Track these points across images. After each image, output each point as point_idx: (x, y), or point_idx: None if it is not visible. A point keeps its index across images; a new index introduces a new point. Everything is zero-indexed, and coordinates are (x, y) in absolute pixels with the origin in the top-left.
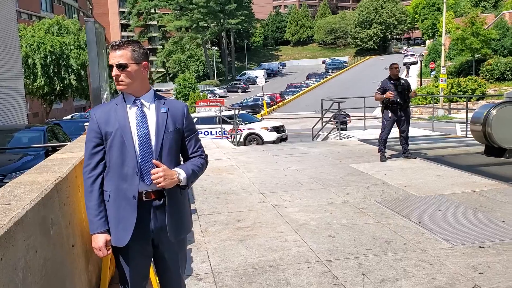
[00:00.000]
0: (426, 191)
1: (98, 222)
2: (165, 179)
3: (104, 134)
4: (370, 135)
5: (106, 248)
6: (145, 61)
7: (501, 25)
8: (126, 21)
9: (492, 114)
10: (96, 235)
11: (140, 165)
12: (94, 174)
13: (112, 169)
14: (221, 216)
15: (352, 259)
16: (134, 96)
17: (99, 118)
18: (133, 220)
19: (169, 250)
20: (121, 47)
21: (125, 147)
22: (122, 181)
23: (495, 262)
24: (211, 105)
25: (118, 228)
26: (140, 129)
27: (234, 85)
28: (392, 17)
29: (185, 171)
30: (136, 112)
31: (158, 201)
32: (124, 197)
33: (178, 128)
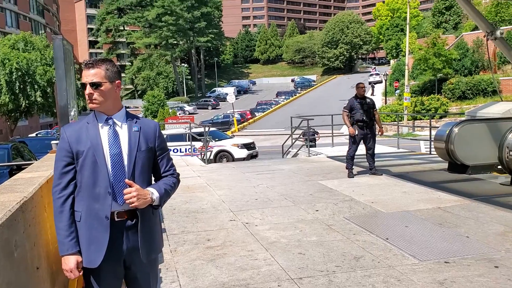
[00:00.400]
0: (393, 207)
1: (69, 243)
2: (139, 199)
3: (75, 153)
4: (338, 152)
5: (77, 270)
6: (118, 79)
7: (461, 46)
8: (95, 38)
9: (454, 132)
10: (67, 257)
11: (113, 184)
12: (64, 194)
13: (84, 188)
14: (190, 236)
15: (322, 276)
16: (106, 114)
17: (70, 137)
18: (106, 240)
19: (141, 271)
20: (95, 65)
21: (97, 166)
22: (94, 201)
23: (460, 276)
24: (181, 122)
25: (90, 249)
26: (112, 148)
27: (204, 102)
28: (358, 37)
29: (158, 190)
30: (108, 131)
31: (130, 221)
32: (96, 217)
33: (151, 147)
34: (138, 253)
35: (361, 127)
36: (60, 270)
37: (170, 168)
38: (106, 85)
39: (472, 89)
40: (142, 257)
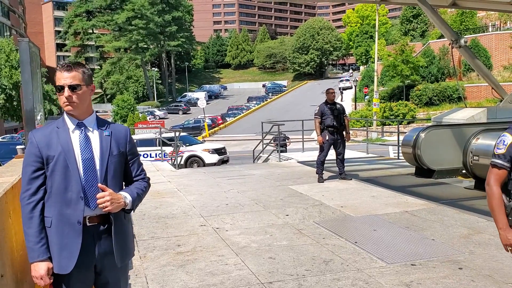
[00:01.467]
0: (362, 211)
1: (39, 249)
2: (112, 203)
3: (45, 158)
4: (308, 157)
5: (48, 277)
6: (92, 84)
7: (428, 53)
8: (62, 41)
9: (421, 137)
10: (37, 263)
11: (85, 189)
12: (34, 199)
13: (54, 194)
14: (160, 241)
15: (292, 280)
16: (77, 119)
17: (40, 142)
18: (78, 246)
19: (113, 276)
20: (73, 68)
21: (69, 171)
22: (66, 206)
23: (426, 278)
24: (151, 127)
25: (62, 255)
26: (84, 153)
27: (174, 106)
28: (328, 43)
29: (130, 194)
30: (80, 135)
31: (102, 226)
32: (68, 222)
33: (122, 152)
34: (110, 258)
35: (331, 133)
36: (25, 279)
37: (141, 173)
38: (83, 88)
39: (439, 96)
40: (116, 262)
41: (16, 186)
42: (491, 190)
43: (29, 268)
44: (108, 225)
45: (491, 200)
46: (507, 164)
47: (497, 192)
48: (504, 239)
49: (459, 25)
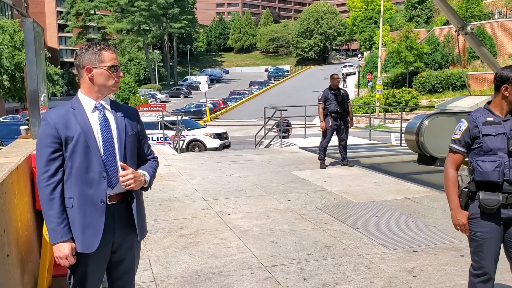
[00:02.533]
0: (364, 198)
1: (62, 230)
2: (135, 181)
3: (64, 139)
4: (310, 143)
5: (72, 256)
6: None
7: (432, 40)
8: (64, 22)
9: (424, 125)
10: (60, 244)
11: (106, 169)
12: (54, 181)
13: (75, 174)
14: (163, 224)
15: (294, 264)
16: (94, 100)
17: (57, 123)
18: (102, 224)
19: (129, 253)
20: (115, 50)
21: (90, 151)
22: (87, 186)
23: (428, 265)
24: (152, 110)
25: (86, 235)
26: (104, 133)
27: (176, 90)
28: (332, 28)
29: (148, 172)
30: (99, 116)
31: (121, 204)
32: (91, 202)
33: (135, 132)
34: (129, 235)
35: (335, 119)
36: (30, 258)
37: (151, 153)
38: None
39: (442, 83)
40: (138, 237)
41: (21, 167)
42: (446, 172)
43: (33, 248)
44: (127, 203)
45: (445, 182)
46: (462, 149)
47: (451, 174)
48: (454, 219)
49: (465, 12)
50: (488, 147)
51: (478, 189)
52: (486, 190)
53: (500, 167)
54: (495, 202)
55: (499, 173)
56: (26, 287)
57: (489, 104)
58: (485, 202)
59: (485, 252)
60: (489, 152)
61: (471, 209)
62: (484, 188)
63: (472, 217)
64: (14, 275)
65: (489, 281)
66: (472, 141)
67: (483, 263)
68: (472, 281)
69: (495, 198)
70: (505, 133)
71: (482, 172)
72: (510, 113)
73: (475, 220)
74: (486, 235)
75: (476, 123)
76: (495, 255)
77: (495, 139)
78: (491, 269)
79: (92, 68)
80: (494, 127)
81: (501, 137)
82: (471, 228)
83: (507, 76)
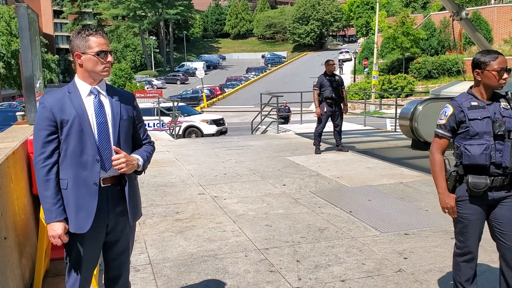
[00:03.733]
0: (357, 182)
1: (56, 210)
2: (127, 164)
3: (59, 122)
4: (306, 129)
5: (65, 236)
6: None
7: (429, 25)
8: (59, 8)
9: (418, 110)
10: (54, 223)
11: (100, 152)
12: (49, 162)
13: (70, 157)
14: (159, 208)
15: (288, 247)
16: (90, 85)
17: (53, 106)
18: (94, 206)
19: (123, 236)
20: (104, 35)
21: (84, 135)
22: (81, 168)
23: (418, 247)
24: (149, 97)
25: (79, 216)
26: (98, 117)
27: (172, 76)
28: (329, 14)
29: (141, 156)
30: (94, 100)
31: (115, 186)
32: (84, 184)
33: (130, 116)
34: (122, 217)
35: (330, 105)
36: (27, 242)
37: (147, 137)
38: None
39: (438, 69)
40: (130, 220)
41: (17, 152)
42: (432, 157)
43: (30, 231)
44: (120, 186)
45: (432, 167)
46: (448, 133)
47: (438, 159)
48: (442, 202)
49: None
50: (474, 131)
51: (466, 172)
52: (473, 173)
53: (487, 150)
54: (483, 185)
55: (486, 156)
56: (24, 270)
57: (471, 88)
58: (473, 185)
59: (469, 233)
60: (475, 136)
61: (458, 192)
62: (471, 171)
63: (460, 199)
64: (12, 258)
65: (473, 261)
66: (458, 126)
67: (467, 243)
68: (457, 260)
69: (484, 181)
70: (490, 117)
71: (470, 156)
72: (492, 99)
73: (462, 203)
74: (471, 216)
75: (462, 108)
76: (479, 235)
77: (480, 123)
78: (475, 248)
79: (81, 54)
80: (479, 111)
81: (487, 120)
82: (458, 210)
83: (477, 60)
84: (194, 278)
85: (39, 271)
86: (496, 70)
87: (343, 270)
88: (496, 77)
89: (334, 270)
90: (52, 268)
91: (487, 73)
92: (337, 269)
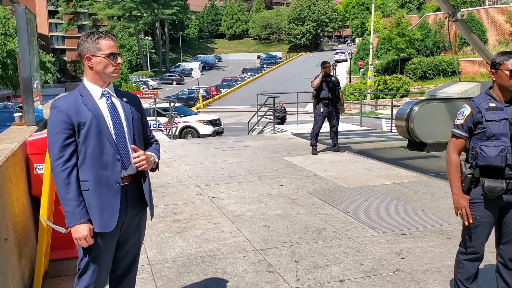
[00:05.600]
0: (354, 183)
1: (80, 212)
2: (147, 162)
3: (76, 124)
4: (302, 129)
5: (91, 237)
6: None
7: (424, 26)
8: (54, 8)
9: (414, 111)
10: (79, 225)
11: (119, 151)
12: (69, 165)
13: (90, 158)
14: (157, 209)
15: (286, 247)
16: (100, 87)
17: (69, 110)
18: (118, 204)
19: (136, 234)
20: (113, 37)
21: (103, 136)
22: (102, 169)
23: (415, 247)
24: (145, 97)
25: (103, 215)
26: (114, 118)
27: (168, 77)
28: (324, 14)
29: (155, 154)
30: (107, 102)
31: (132, 184)
32: (106, 184)
33: (139, 116)
34: (139, 215)
35: (326, 105)
36: (26, 243)
37: (153, 136)
38: None
39: (433, 70)
40: (150, 216)
41: (17, 153)
42: (449, 157)
43: (30, 232)
44: (137, 184)
45: (448, 166)
46: (465, 134)
47: (454, 159)
48: (456, 202)
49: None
50: (491, 132)
51: (481, 175)
52: (488, 175)
53: (503, 152)
54: (499, 189)
55: (502, 158)
56: (24, 271)
57: (490, 89)
58: (489, 189)
59: (478, 234)
60: (492, 137)
61: (473, 194)
62: (486, 173)
63: (473, 201)
64: (12, 259)
65: (478, 260)
66: (475, 127)
67: (474, 244)
68: (460, 258)
69: (500, 185)
70: (508, 119)
71: (486, 157)
72: (510, 101)
73: (475, 205)
74: (483, 219)
75: (479, 109)
76: (487, 236)
77: (498, 124)
78: (481, 249)
79: (91, 57)
80: (496, 112)
81: (504, 122)
82: (471, 212)
83: (493, 60)
84: (193, 278)
85: (39, 272)
86: (509, 70)
87: (341, 270)
88: (508, 77)
89: (332, 270)
90: (52, 269)
91: (500, 72)
92: (335, 269)
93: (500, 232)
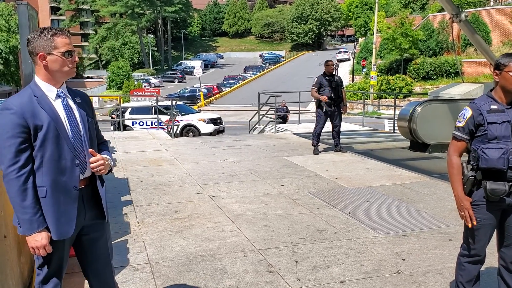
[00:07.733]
0: (356, 183)
1: (38, 219)
2: (105, 165)
3: (33, 128)
4: (304, 129)
5: (50, 245)
6: None
7: (427, 26)
8: (57, 4)
9: (417, 112)
10: (37, 234)
11: (77, 155)
12: (25, 171)
13: (47, 163)
14: (158, 207)
15: (286, 248)
16: (54, 87)
17: (24, 112)
18: (75, 210)
19: (101, 235)
20: (68, 34)
21: (61, 139)
22: (60, 174)
23: (417, 249)
24: (146, 95)
25: (60, 222)
26: (70, 120)
27: (170, 75)
28: (327, 14)
29: (110, 157)
30: (62, 103)
31: (88, 187)
32: (64, 190)
33: (92, 116)
34: (98, 216)
35: (329, 105)
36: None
37: (103, 136)
38: None
39: (436, 70)
40: (106, 217)
41: None
42: (450, 159)
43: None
44: (91, 186)
45: (450, 169)
46: (466, 136)
47: (455, 161)
48: (459, 205)
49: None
50: (493, 134)
51: (484, 177)
52: (490, 178)
53: (505, 155)
54: (502, 192)
55: (504, 160)
56: (23, 268)
57: (491, 91)
58: (492, 192)
59: (480, 237)
60: (493, 139)
61: (475, 196)
62: (488, 176)
63: (475, 203)
64: (11, 256)
65: (479, 263)
66: (476, 129)
67: (476, 246)
68: (461, 261)
69: (502, 188)
70: (510, 121)
71: (488, 160)
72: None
73: (477, 207)
74: (485, 221)
75: (481, 111)
76: (489, 239)
77: (499, 127)
78: (483, 251)
79: (45, 55)
80: (498, 115)
81: (506, 125)
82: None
83: (497, 61)
84: (193, 277)
85: None
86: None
87: (341, 271)
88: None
89: (333, 271)
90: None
91: (505, 74)
92: (336, 270)
93: (502, 234)
